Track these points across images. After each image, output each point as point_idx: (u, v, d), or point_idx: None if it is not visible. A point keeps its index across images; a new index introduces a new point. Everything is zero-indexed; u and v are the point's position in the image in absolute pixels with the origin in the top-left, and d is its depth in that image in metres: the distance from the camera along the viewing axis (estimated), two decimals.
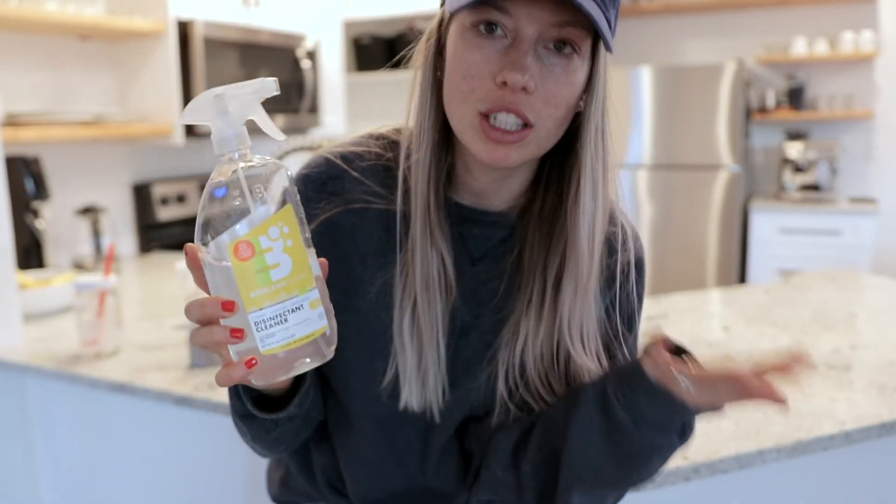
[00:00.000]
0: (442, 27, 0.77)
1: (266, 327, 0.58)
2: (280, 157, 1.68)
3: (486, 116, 0.70)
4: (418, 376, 0.79)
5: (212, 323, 0.60)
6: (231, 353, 0.61)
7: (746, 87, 3.70)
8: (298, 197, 0.61)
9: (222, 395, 1.28)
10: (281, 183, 0.60)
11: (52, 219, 2.29)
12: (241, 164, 0.59)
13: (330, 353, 0.63)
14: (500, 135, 0.70)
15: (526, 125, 0.70)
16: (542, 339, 0.79)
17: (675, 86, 3.72)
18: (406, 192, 0.79)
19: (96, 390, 1.43)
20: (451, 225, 0.80)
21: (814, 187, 3.86)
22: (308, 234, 0.61)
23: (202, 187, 2.90)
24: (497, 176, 0.79)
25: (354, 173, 0.82)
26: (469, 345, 0.81)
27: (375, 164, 0.82)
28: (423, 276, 0.78)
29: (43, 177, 2.20)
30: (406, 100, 0.80)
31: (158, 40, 2.51)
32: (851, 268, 3.56)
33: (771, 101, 4.01)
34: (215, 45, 2.61)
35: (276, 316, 0.58)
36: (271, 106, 0.59)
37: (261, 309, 0.58)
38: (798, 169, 3.86)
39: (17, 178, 2.12)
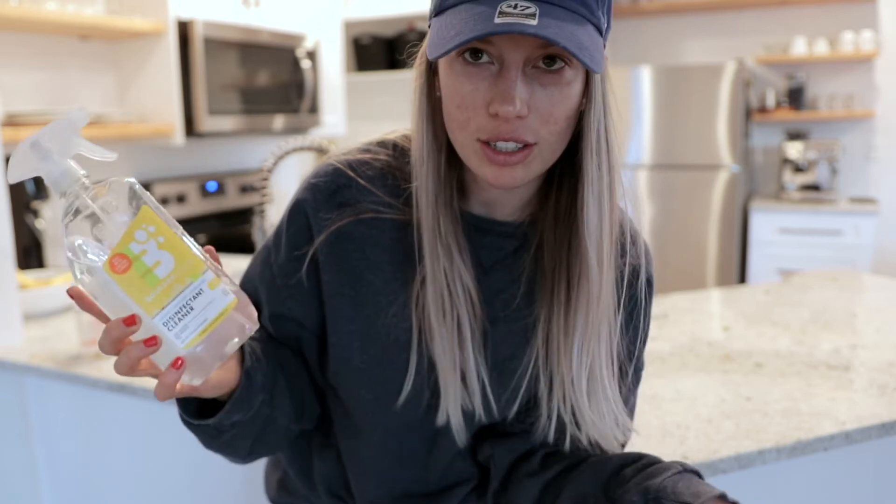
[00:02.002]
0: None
1: (176, 323, 0.59)
2: (280, 157, 1.67)
3: (486, 142, 0.69)
4: (455, 388, 0.79)
5: (125, 346, 0.59)
6: (160, 366, 0.61)
7: (746, 87, 3.70)
8: (153, 198, 0.61)
9: None
10: (128, 192, 0.60)
11: (52, 219, 2.29)
12: (83, 193, 0.59)
13: (253, 322, 0.63)
14: (503, 157, 0.69)
15: (527, 145, 0.69)
16: (571, 345, 0.78)
17: (675, 86, 3.72)
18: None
19: (96, 390, 1.43)
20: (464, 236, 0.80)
21: (814, 187, 3.86)
22: (181, 229, 0.61)
23: (202, 187, 2.91)
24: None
25: (363, 182, 0.80)
26: (485, 355, 0.81)
27: (384, 173, 0.81)
28: (438, 290, 0.77)
29: None
30: (411, 108, 0.79)
31: (158, 40, 2.51)
32: (851, 268, 3.56)
33: (771, 101, 4.01)
34: (215, 45, 2.61)
35: (181, 308, 0.59)
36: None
37: (163, 308, 0.58)
38: (798, 169, 3.86)
39: None
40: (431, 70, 0.75)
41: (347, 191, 0.80)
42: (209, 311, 0.60)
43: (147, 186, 2.67)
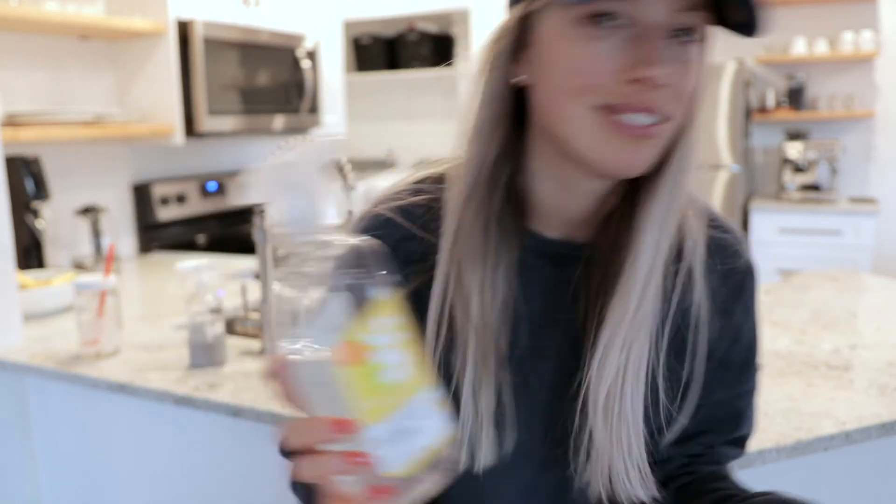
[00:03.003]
0: (525, 25, 0.62)
1: (390, 442, 0.46)
2: None
3: (610, 110, 0.58)
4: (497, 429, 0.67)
5: (321, 450, 0.48)
6: (350, 486, 0.48)
7: (746, 87, 3.70)
8: (398, 275, 0.50)
9: (222, 395, 1.27)
10: (381, 261, 0.48)
11: (52, 219, 2.29)
12: (333, 248, 0.47)
13: (457, 463, 0.52)
14: (636, 129, 0.58)
15: (665, 119, 0.60)
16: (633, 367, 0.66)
17: None
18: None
19: (96, 390, 1.43)
20: (540, 265, 0.68)
21: (814, 187, 3.86)
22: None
23: (202, 187, 2.91)
24: (601, 192, 0.67)
25: (422, 233, 0.69)
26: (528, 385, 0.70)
27: (436, 212, 0.69)
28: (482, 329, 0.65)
29: (43, 177, 2.20)
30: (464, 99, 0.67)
31: (158, 40, 2.51)
32: (851, 268, 3.56)
33: (771, 101, 4.01)
34: (215, 45, 2.61)
35: (403, 427, 0.47)
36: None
37: (381, 422, 0.46)
38: (798, 169, 3.86)
39: (17, 178, 2.12)
40: (513, 54, 0.64)
41: (409, 243, 0.68)
42: (428, 436, 0.47)
43: (147, 186, 2.67)
